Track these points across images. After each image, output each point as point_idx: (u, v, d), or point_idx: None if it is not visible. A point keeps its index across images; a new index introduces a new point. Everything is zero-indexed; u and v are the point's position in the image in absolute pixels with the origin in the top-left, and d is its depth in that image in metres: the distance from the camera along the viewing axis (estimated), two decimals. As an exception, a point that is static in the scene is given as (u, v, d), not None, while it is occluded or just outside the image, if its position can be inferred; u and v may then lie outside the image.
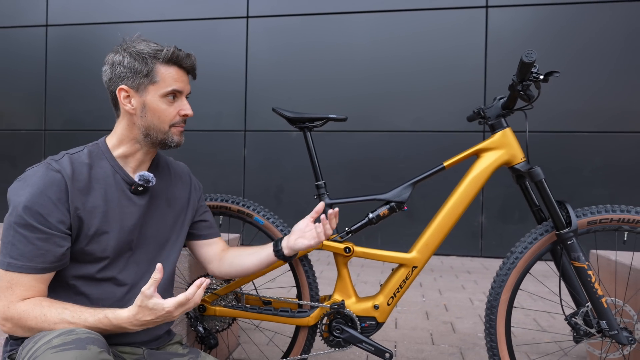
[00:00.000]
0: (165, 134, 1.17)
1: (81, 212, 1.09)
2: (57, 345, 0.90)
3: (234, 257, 1.37)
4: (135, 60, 1.13)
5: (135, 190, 1.17)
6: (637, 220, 1.35)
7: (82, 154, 1.15)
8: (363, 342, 1.45)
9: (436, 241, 1.46)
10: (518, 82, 1.30)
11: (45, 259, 1.04)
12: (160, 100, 1.15)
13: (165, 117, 1.16)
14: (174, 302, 1.01)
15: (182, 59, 1.17)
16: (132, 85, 1.14)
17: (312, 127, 1.57)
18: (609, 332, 1.32)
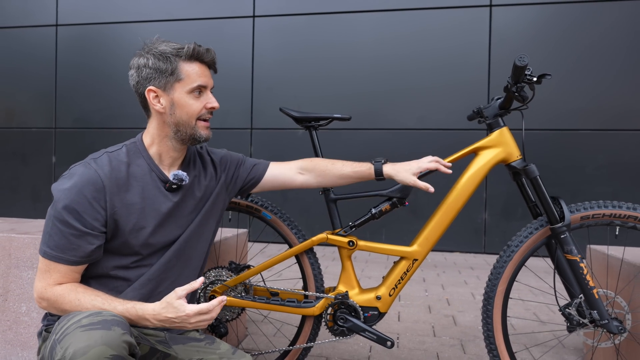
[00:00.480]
0: (192, 128, 1.24)
1: (118, 209, 1.17)
2: (85, 325, 0.99)
3: (326, 167, 1.46)
4: (160, 61, 1.20)
5: (169, 187, 1.25)
6: (627, 216, 1.41)
7: (120, 152, 1.22)
8: (366, 330, 1.52)
9: (436, 235, 1.52)
10: (513, 84, 1.37)
11: (76, 253, 1.14)
12: (187, 96, 1.21)
13: (192, 111, 1.22)
14: (195, 309, 1.10)
15: (203, 54, 1.24)
16: (159, 85, 1.21)
17: (318, 126, 1.64)
18: (600, 321, 1.38)
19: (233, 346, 1.35)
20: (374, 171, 1.44)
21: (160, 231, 1.24)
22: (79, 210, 1.12)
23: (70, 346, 0.95)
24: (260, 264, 1.63)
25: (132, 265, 1.22)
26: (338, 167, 1.46)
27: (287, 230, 1.63)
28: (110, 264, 1.20)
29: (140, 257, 1.22)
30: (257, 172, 1.46)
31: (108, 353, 0.95)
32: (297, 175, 1.48)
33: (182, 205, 1.29)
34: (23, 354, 1.86)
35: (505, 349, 1.46)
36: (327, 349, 2.11)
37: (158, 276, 1.25)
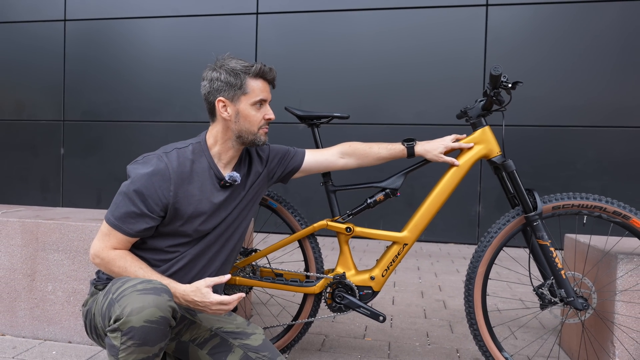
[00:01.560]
0: (254, 135, 1.46)
1: (180, 199, 1.37)
2: (140, 290, 1.20)
3: (365, 151, 1.67)
4: (230, 76, 1.42)
5: (223, 185, 1.46)
6: (594, 206, 1.59)
7: (187, 150, 1.42)
8: (361, 307, 1.71)
9: (424, 222, 1.70)
10: (491, 90, 1.54)
11: (133, 227, 1.34)
12: (251, 107, 1.43)
13: (254, 121, 1.44)
14: (218, 299, 1.29)
15: (267, 73, 1.46)
16: (227, 97, 1.43)
17: (319, 124, 1.82)
18: (567, 299, 1.56)
19: (246, 319, 1.54)
20: (406, 152, 1.66)
21: (210, 220, 1.44)
22: (147, 194, 1.32)
23: (128, 305, 1.16)
24: (265, 248, 1.81)
25: (182, 245, 1.42)
26: (375, 150, 1.68)
27: (290, 217, 1.81)
28: (167, 243, 1.41)
29: (190, 239, 1.43)
30: (295, 163, 1.66)
31: (157, 314, 1.17)
32: (338, 159, 1.68)
33: (230, 198, 1.49)
34: (49, 329, 2.05)
35: (484, 323, 1.64)
36: (326, 328, 2.30)
37: (198, 253, 1.45)
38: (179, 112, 5.39)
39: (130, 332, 1.16)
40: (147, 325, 1.16)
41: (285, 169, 1.65)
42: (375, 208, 1.77)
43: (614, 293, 1.64)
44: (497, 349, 1.63)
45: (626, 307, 1.63)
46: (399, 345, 2.11)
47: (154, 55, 5.51)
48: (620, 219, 1.58)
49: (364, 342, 2.14)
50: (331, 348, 2.04)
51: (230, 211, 1.49)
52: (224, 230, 1.48)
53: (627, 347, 1.62)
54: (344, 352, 2.00)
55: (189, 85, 5.26)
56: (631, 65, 4.57)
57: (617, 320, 1.64)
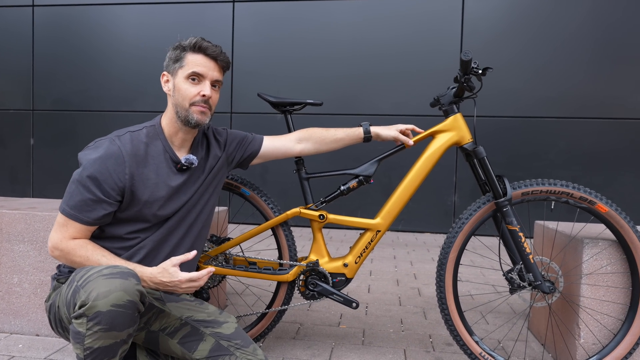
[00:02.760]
0: (186, 111, 1.40)
1: (136, 182, 1.34)
2: (106, 274, 1.17)
3: (322, 134, 1.66)
4: (174, 51, 1.42)
5: (180, 168, 1.43)
6: (561, 192, 1.62)
7: (141, 133, 1.39)
8: (334, 294, 1.71)
9: (396, 209, 1.71)
10: (462, 76, 1.55)
11: (90, 215, 1.30)
12: (184, 81, 1.40)
13: (186, 94, 1.39)
14: (187, 276, 1.29)
15: (206, 47, 1.41)
16: (169, 70, 1.43)
17: (293, 111, 1.80)
18: (535, 282, 1.60)
19: (219, 308, 1.53)
20: (362, 131, 1.67)
21: (169, 204, 1.42)
22: (101, 179, 1.29)
23: (94, 290, 1.13)
24: (238, 236, 1.80)
25: (142, 231, 1.39)
26: (332, 133, 1.68)
27: (264, 205, 1.79)
28: (125, 230, 1.38)
29: (150, 224, 1.40)
30: (253, 148, 1.64)
31: (125, 298, 1.14)
32: (295, 145, 1.67)
33: (189, 182, 1.46)
34: (15, 322, 1.99)
35: (455, 308, 1.67)
36: (301, 316, 2.30)
37: (161, 239, 1.42)
38: (154, 102, 5.28)
39: (97, 316, 1.13)
40: (114, 309, 1.13)
41: (243, 153, 1.63)
42: (353, 197, 1.77)
43: (579, 276, 1.68)
44: (467, 333, 1.66)
45: (591, 290, 1.67)
46: (373, 332, 2.13)
47: (127, 43, 5.37)
48: (586, 204, 1.61)
49: (339, 329, 2.15)
50: (305, 336, 2.04)
51: (190, 195, 1.46)
52: (185, 215, 1.46)
53: (592, 328, 1.67)
54: (319, 339, 2.01)
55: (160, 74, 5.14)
56: (602, 59, 4.68)
57: (582, 303, 1.68)
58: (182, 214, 1.45)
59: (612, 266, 1.66)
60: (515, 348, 1.95)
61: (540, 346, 1.98)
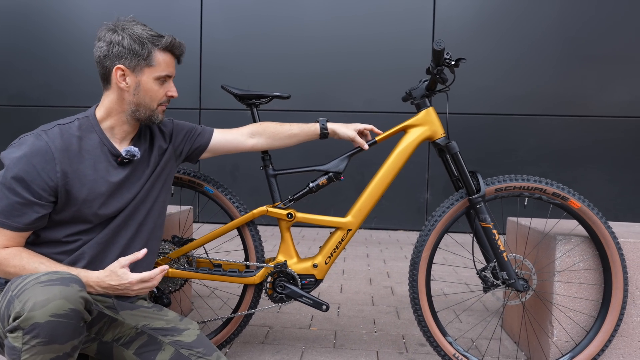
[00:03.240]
0: (152, 111, 1.33)
1: (71, 180, 1.21)
2: (44, 281, 1.05)
3: (275, 129, 1.58)
4: (135, 43, 1.27)
5: (121, 162, 1.31)
6: (534, 188, 1.59)
7: (72, 126, 1.26)
8: (303, 296, 1.63)
9: (368, 207, 1.64)
10: (434, 67, 1.49)
11: (20, 220, 1.17)
12: (154, 82, 1.31)
13: (155, 96, 1.32)
14: (138, 277, 1.19)
15: (176, 47, 1.33)
16: (129, 66, 1.28)
17: (259, 104, 1.71)
18: (508, 281, 1.56)
19: (179, 314, 1.43)
20: (319, 127, 1.59)
21: (111, 201, 1.30)
22: (28, 179, 1.16)
23: (30, 299, 1.01)
24: (201, 237, 1.69)
25: (83, 232, 1.27)
26: (286, 127, 1.59)
27: (229, 204, 1.69)
28: (64, 232, 1.25)
29: (91, 225, 1.28)
30: (202, 140, 1.54)
31: (66, 306, 1.02)
32: (248, 139, 1.58)
33: (133, 177, 1.35)
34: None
35: (428, 309, 1.61)
36: (270, 319, 2.21)
37: (107, 241, 1.30)
38: (119, 97, 5.06)
39: (35, 329, 1.01)
40: (54, 320, 1.01)
41: (192, 146, 1.53)
42: (325, 195, 1.69)
43: (552, 274, 1.66)
44: (440, 334, 1.61)
45: (564, 287, 1.65)
46: (345, 334, 2.06)
47: (92, 35, 5.07)
48: (559, 200, 1.59)
49: (310, 332, 2.07)
50: (275, 340, 1.96)
51: (136, 192, 1.35)
52: (132, 214, 1.35)
53: (565, 326, 1.65)
54: (288, 343, 1.93)
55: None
56: (570, 58, 4.75)
57: (555, 301, 1.66)
58: (129, 213, 1.34)
59: (584, 263, 1.64)
60: (489, 347, 1.92)
61: (513, 344, 1.96)
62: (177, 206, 2.14)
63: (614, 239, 1.57)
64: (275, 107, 5.13)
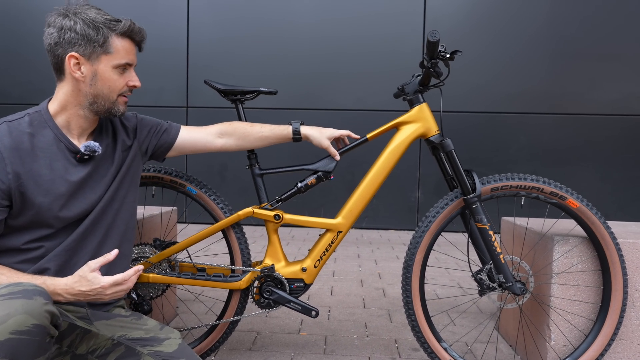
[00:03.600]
0: (112, 103, 1.22)
1: (24, 181, 1.11)
2: (5, 294, 0.95)
3: (246, 130, 1.50)
4: (89, 28, 1.16)
5: (80, 159, 1.21)
6: (531, 187, 1.53)
7: (22, 122, 1.16)
8: (291, 302, 1.55)
9: (359, 207, 1.57)
10: (428, 60, 1.42)
11: None
12: (113, 70, 1.20)
13: (115, 87, 1.21)
14: (111, 280, 1.10)
15: (136, 33, 1.23)
16: (83, 53, 1.17)
17: (244, 100, 1.62)
18: (505, 284, 1.50)
19: (161, 323, 1.34)
20: (291, 131, 1.51)
21: (73, 203, 1.20)
22: None
23: None
24: (184, 240, 1.61)
25: (46, 238, 1.18)
26: (257, 129, 1.51)
27: (213, 205, 1.61)
28: (23, 239, 1.15)
29: (54, 230, 1.18)
30: (168, 138, 1.45)
31: (29, 322, 0.93)
32: (216, 139, 1.50)
33: (95, 175, 1.25)
34: None
35: (422, 313, 1.55)
36: (258, 324, 2.13)
37: (74, 247, 1.21)
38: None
39: None
40: (15, 337, 0.92)
41: (157, 142, 1.43)
42: (315, 195, 1.62)
43: (550, 276, 1.60)
44: (435, 340, 1.54)
45: (562, 290, 1.59)
46: (336, 339, 1.99)
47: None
48: (557, 199, 1.53)
49: (299, 337, 1.99)
50: (263, 346, 1.88)
51: (101, 192, 1.25)
52: (99, 216, 1.25)
53: (563, 329, 1.59)
54: (277, 349, 1.85)
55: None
56: (561, 55, 4.73)
57: (553, 303, 1.60)
58: (96, 215, 1.24)
59: (583, 264, 1.58)
60: (485, 352, 1.86)
61: (510, 349, 1.90)
62: (158, 207, 2.05)
63: (613, 240, 1.52)
64: (263, 105, 5.04)
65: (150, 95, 4.94)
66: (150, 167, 1.63)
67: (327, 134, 1.53)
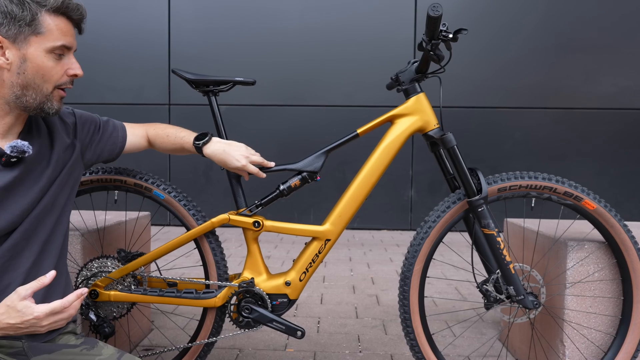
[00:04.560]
0: (46, 97, 1.03)
1: None
2: None
3: (162, 140, 1.36)
4: (13, 4, 0.97)
5: (6, 162, 1.01)
6: (543, 187, 1.36)
7: None
8: (274, 321, 1.37)
9: (350, 212, 1.39)
10: (428, 42, 1.24)
11: None
12: (46, 55, 1.00)
13: (50, 76, 1.02)
14: (46, 309, 0.91)
15: (72, 9, 1.03)
16: (7, 35, 0.98)
17: (218, 91, 1.43)
18: (516, 297, 1.32)
19: (119, 350, 1.14)
20: (194, 150, 1.35)
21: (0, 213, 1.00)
22: None
23: None
24: (152, 250, 1.41)
25: None
26: (171, 139, 1.37)
27: (183, 211, 1.41)
28: None
29: None
30: (117, 140, 1.29)
31: None
32: (146, 141, 1.38)
33: (27, 180, 1.05)
34: None
35: (422, 331, 1.37)
36: (240, 339, 1.94)
37: (3, 266, 1.01)
38: (81, 93, 4.69)
39: None
40: None
41: (106, 144, 1.26)
42: (303, 195, 1.43)
43: (563, 286, 1.43)
44: (437, 360, 1.37)
45: (577, 301, 1.43)
46: (326, 354, 1.81)
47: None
48: (572, 200, 1.36)
49: (285, 354, 1.81)
50: (245, 366, 1.69)
51: (35, 198, 1.05)
52: (34, 228, 1.05)
53: (579, 345, 1.43)
54: (260, 370, 1.66)
55: (87, 60, 4.57)
56: (555, 49, 4.59)
57: (567, 316, 1.43)
58: (30, 227, 1.04)
59: (600, 272, 1.42)
60: (489, 367, 1.69)
61: (516, 363, 1.74)
62: (133, 212, 1.84)
63: (635, 245, 1.35)
64: (247, 101, 4.83)
65: (130, 93, 4.72)
66: (111, 169, 1.43)
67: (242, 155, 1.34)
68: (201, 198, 4.47)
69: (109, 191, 1.45)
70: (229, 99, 5.16)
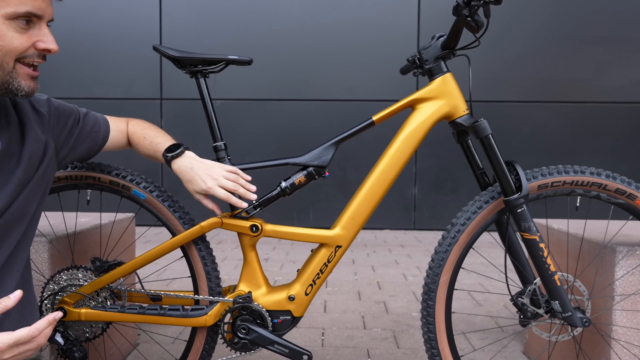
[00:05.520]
0: (7, 74, 0.83)
1: None
2: None
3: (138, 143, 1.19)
4: None
5: None
6: (591, 183, 1.16)
7: None
8: (275, 343, 1.16)
9: (365, 213, 1.19)
10: (464, 5, 1.03)
11: None
12: (6, 23, 0.82)
13: (10, 47, 0.82)
14: (10, 339, 0.73)
15: None
16: None
17: (207, 72, 1.22)
18: (563, 314, 1.12)
19: None
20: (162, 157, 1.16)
21: None
22: None
23: None
24: (132, 259, 1.20)
25: None
26: (147, 143, 1.18)
27: (167, 213, 1.20)
28: None
29: None
30: (98, 137, 1.12)
31: None
32: (127, 140, 1.21)
33: None
34: None
35: (450, 353, 1.16)
36: (236, 355, 1.73)
37: None
38: (67, 87, 4.47)
39: None
40: None
41: (85, 140, 1.09)
42: (302, 193, 1.22)
43: (612, 299, 1.23)
44: (467, 387, 1.17)
45: (627, 316, 1.23)
46: (333, 374, 1.60)
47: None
48: (624, 199, 1.16)
49: (287, 374, 1.60)
50: (241, 389, 1.48)
51: (1, 206, 0.86)
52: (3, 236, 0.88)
53: (629, 367, 1.23)
54: (259, 394, 1.46)
55: (76, 54, 4.34)
56: (564, 40, 4.42)
57: (615, 334, 1.23)
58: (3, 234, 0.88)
59: (656, 283, 1.22)
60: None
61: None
62: (110, 214, 1.62)
63: (698, 251, 1.15)
64: (244, 96, 4.62)
65: (120, 87, 4.50)
66: (82, 165, 1.21)
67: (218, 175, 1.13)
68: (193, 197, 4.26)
69: (80, 190, 1.23)
70: (224, 94, 4.96)
